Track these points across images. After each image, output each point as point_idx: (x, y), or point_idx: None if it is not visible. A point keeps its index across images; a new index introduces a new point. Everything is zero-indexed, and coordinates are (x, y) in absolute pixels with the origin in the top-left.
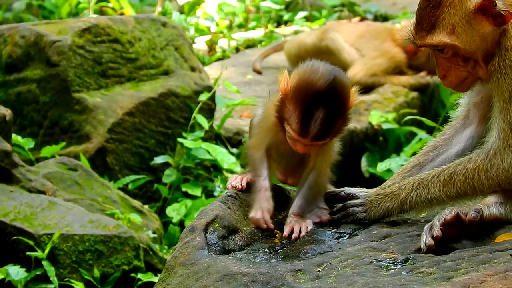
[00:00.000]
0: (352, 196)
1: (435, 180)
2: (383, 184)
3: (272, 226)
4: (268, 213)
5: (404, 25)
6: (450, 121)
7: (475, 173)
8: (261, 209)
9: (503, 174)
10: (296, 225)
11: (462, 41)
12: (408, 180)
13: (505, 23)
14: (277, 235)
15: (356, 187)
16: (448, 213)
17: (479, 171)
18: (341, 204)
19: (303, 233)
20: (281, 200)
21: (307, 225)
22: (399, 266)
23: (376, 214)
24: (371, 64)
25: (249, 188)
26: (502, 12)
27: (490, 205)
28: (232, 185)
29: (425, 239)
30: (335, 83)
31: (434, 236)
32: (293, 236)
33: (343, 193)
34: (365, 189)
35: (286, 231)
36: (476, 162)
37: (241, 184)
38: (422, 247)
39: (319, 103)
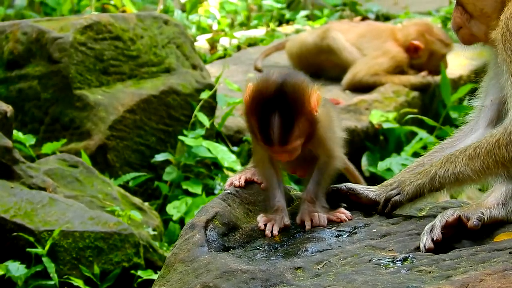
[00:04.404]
0: (353, 191)
1: (462, 154)
2: (384, 182)
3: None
4: (279, 228)
5: None
6: (460, 126)
7: (496, 147)
8: (273, 224)
9: None
10: (308, 216)
11: None
12: (439, 156)
13: None
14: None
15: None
16: (450, 214)
17: (499, 145)
18: (383, 199)
19: (316, 224)
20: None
21: (320, 220)
22: (399, 264)
23: (409, 192)
24: (372, 64)
25: (247, 185)
26: None
27: (492, 207)
28: (230, 182)
29: (425, 241)
30: (285, 85)
31: (434, 239)
32: (306, 228)
33: (344, 187)
34: (366, 186)
35: (298, 219)
36: (496, 136)
37: (239, 182)
38: (421, 248)
39: (272, 108)
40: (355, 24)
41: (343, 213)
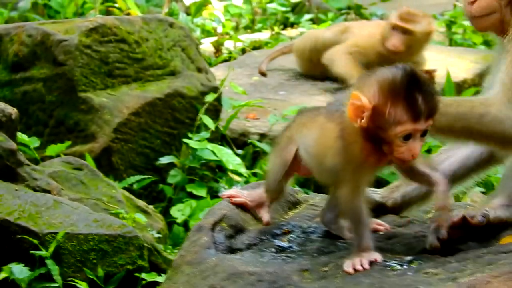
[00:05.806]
0: None
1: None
2: (390, 184)
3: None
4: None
5: None
6: None
7: (469, 111)
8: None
9: (495, 124)
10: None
11: None
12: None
13: None
14: (284, 235)
15: None
16: (455, 215)
17: (474, 112)
18: None
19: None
20: (288, 201)
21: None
22: (405, 266)
23: None
24: None
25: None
26: None
27: (496, 208)
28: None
29: (431, 240)
30: (409, 66)
31: (440, 237)
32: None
33: None
34: (372, 188)
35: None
36: (473, 102)
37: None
38: (427, 246)
39: (412, 83)
40: (374, 23)
41: None
